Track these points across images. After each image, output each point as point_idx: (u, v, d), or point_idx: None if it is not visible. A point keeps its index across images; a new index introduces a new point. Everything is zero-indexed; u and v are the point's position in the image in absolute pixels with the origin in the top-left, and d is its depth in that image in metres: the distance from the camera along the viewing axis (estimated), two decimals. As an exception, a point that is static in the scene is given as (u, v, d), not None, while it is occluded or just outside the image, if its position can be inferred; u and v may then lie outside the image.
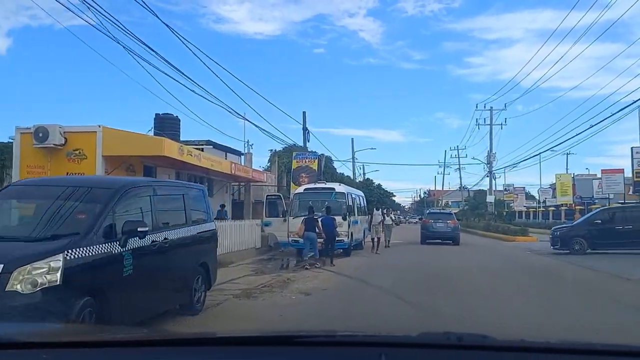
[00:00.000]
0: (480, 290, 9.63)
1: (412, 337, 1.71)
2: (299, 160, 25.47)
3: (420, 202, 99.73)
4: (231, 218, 21.86)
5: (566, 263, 15.69)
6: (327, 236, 15.40)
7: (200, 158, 16.10)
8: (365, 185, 60.17)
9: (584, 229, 18.92)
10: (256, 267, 14.11)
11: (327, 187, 18.01)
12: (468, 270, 13.21)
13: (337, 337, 1.77)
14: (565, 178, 42.13)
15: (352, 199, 18.91)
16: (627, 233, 17.68)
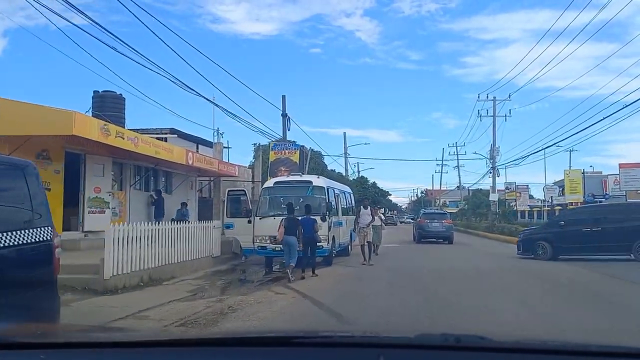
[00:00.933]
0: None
1: (410, 338, 1.66)
2: (278, 151, 22.00)
3: (418, 202, 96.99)
4: (198, 219, 18.40)
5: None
6: (305, 241, 12.12)
7: (138, 142, 12.56)
8: (359, 183, 56.83)
9: (547, 232, 16.95)
10: (201, 285, 10.62)
11: (302, 180, 14.51)
12: (508, 301, 8.62)
13: (335, 338, 1.77)
14: (575, 174, 38.71)
15: (334, 196, 15.43)
16: (595, 236, 15.40)
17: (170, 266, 11.50)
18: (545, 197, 47.40)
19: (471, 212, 51.94)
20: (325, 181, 14.78)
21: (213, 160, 18.11)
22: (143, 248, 10.30)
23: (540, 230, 18.29)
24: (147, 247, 10.47)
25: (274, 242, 13.48)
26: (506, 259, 16.89)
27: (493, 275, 12.31)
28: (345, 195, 17.97)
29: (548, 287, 10.65)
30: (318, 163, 40.90)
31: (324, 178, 15.56)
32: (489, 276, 12.06)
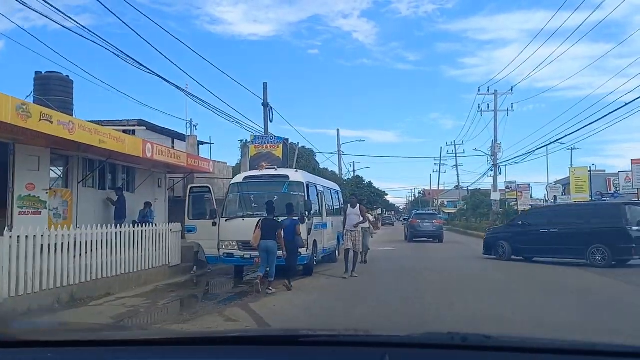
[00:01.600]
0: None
1: (415, 337, 1.66)
2: (258, 145, 19.72)
3: (415, 202, 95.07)
4: (168, 221, 16.16)
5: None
6: (285, 247, 10.05)
7: (73, 129, 10.29)
8: (355, 183, 54.66)
9: (508, 232, 16.72)
10: (137, 306, 8.38)
11: (277, 175, 12.25)
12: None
13: (341, 337, 1.75)
14: (581, 172, 36.58)
15: (317, 193, 13.20)
16: (551, 238, 14.94)
17: (107, 280, 9.27)
18: (547, 197, 45.26)
19: (471, 213, 49.77)
20: (304, 176, 12.54)
21: (180, 153, 15.84)
22: (63, 258, 8.06)
23: (501, 230, 18.02)
24: (69, 256, 8.22)
25: (243, 248, 11.29)
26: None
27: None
28: (332, 194, 15.75)
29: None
30: (309, 161, 38.67)
31: (304, 172, 13.33)
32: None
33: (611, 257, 13.63)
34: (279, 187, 11.93)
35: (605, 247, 13.71)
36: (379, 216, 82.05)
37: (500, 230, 18.15)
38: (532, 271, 13.43)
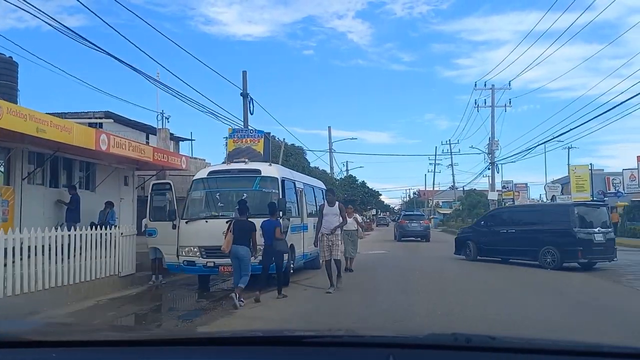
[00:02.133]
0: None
1: (420, 338, 1.65)
2: (237, 139, 18.00)
3: (410, 203, 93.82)
4: (136, 223, 14.51)
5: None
6: (265, 253, 8.94)
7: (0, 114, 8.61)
8: (348, 183, 53.06)
9: (474, 232, 16.73)
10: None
11: (247, 170, 10.58)
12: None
13: (345, 337, 1.74)
14: (582, 170, 35.10)
15: (296, 191, 11.58)
16: (509, 239, 14.93)
17: (34, 295, 7.61)
18: (547, 196, 43.81)
19: (467, 213, 48.29)
20: (280, 171, 10.88)
21: (145, 147, 14.17)
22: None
23: (469, 230, 17.96)
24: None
25: (206, 254, 9.67)
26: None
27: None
28: (315, 192, 14.12)
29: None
30: (299, 160, 37.02)
31: (279, 167, 11.68)
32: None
33: (560, 259, 13.49)
34: (249, 184, 10.30)
35: (555, 249, 13.60)
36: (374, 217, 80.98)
37: (468, 230, 18.11)
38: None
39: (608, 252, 14.02)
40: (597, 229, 13.90)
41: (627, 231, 27.24)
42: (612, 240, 14.35)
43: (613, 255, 14.14)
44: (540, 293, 10.04)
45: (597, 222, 14.13)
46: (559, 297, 9.46)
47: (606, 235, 14.07)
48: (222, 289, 10.75)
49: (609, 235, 14.22)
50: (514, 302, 8.87)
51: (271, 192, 10.12)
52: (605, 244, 13.94)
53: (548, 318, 7.34)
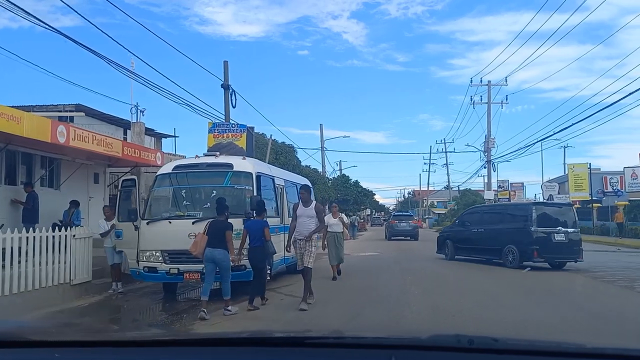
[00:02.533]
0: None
1: (422, 339, 1.64)
2: (218, 134, 16.90)
3: (405, 203, 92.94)
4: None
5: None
6: (252, 256, 8.13)
7: None
8: (341, 182, 51.94)
9: (452, 231, 17.02)
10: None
11: (217, 164, 9.37)
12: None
13: (347, 339, 1.71)
14: (580, 169, 34.11)
15: (274, 188, 10.43)
16: (479, 238, 15.14)
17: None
18: (543, 196, 42.86)
19: (462, 213, 47.25)
20: (255, 165, 9.69)
21: (113, 141, 12.95)
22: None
23: (448, 229, 18.24)
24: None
25: (170, 260, 8.53)
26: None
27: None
28: (298, 190, 12.96)
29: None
30: (290, 158, 35.88)
31: (255, 161, 10.49)
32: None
33: (519, 258, 13.48)
34: (219, 179, 9.14)
35: (515, 248, 13.64)
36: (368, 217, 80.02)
37: (447, 229, 18.33)
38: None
39: (571, 252, 13.65)
40: (558, 229, 13.60)
41: (628, 232, 26.26)
42: (577, 241, 13.86)
43: (577, 255, 13.66)
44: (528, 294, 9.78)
45: (559, 222, 13.79)
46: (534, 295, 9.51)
47: (569, 235, 13.68)
48: (191, 299, 9.59)
49: (572, 236, 13.78)
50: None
51: (244, 189, 8.97)
52: (568, 244, 13.62)
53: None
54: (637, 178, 26.07)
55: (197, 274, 8.44)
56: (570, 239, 13.69)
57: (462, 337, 1.49)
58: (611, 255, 18.95)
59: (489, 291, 10.05)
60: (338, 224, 11.26)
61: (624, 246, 23.00)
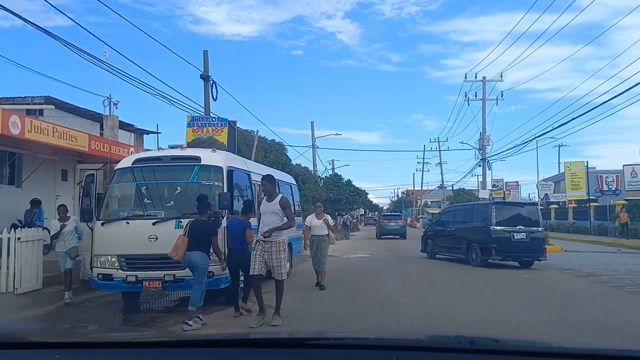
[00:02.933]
0: None
1: (423, 340, 1.66)
2: (197, 128, 15.83)
3: (398, 203, 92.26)
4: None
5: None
6: (232, 259, 7.46)
7: None
8: (333, 181, 50.94)
9: (432, 230, 17.45)
10: None
11: (183, 157, 8.29)
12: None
13: (348, 340, 1.70)
14: (577, 167, 33.27)
15: (250, 185, 9.40)
16: (450, 237, 15.78)
17: None
18: (539, 194, 42.09)
19: (456, 213, 46.37)
20: (226, 158, 8.60)
21: (78, 134, 11.87)
22: None
23: (431, 227, 18.65)
24: None
25: (127, 266, 7.50)
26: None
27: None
28: (282, 188, 11.94)
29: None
30: (280, 156, 34.80)
31: (227, 154, 9.40)
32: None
33: (481, 256, 13.83)
34: (184, 174, 8.10)
35: (477, 246, 14.01)
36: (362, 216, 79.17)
37: (429, 228, 18.76)
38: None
39: (533, 251, 13.69)
40: (518, 228, 13.66)
41: (628, 232, 25.44)
42: (540, 240, 14.00)
43: (539, 254, 13.74)
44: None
45: (520, 221, 13.86)
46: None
47: (530, 234, 13.68)
48: (154, 310, 8.56)
49: (534, 235, 13.80)
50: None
51: (213, 185, 7.94)
52: (529, 243, 13.63)
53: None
54: (636, 176, 25.18)
55: (158, 282, 7.43)
56: (532, 238, 13.64)
57: (463, 338, 1.49)
58: (612, 256, 18.07)
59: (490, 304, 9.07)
60: (322, 226, 10.14)
61: (624, 247, 22.16)
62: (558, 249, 19.81)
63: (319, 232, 10.02)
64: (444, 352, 1.51)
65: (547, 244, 20.27)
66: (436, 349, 1.53)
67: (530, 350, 1.53)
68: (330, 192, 49.14)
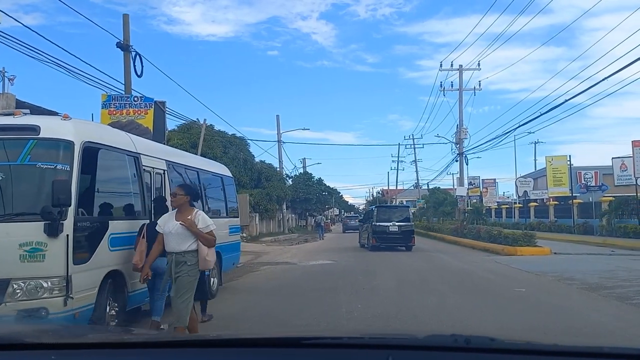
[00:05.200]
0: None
1: (419, 339, 1.64)
2: (115, 110, 12.85)
3: (373, 202, 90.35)
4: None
5: None
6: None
7: None
8: (303, 180, 48.18)
9: (361, 227, 22.61)
10: None
11: (12, 127, 5.26)
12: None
13: (344, 339, 1.70)
14: (559, 162, 31.14)
15: (137, 174, 6.48)
16: (364, 231, 21.44)
17: None
18: (517, 192, 40.08)
19: (432, 212, 44.14)
20: (83, 130, 5.48)
21: None
22: None
23: (359, 224, 24.64)
24: None
25: None
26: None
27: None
28: (204, 181, 9.05)
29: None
30: (242, 151, 31.80)
31: (91, 124, 6.22)
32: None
33: (371, 244, 19.62)
34: (12, 153, 5.14)
35: (368, 237, 20.11)
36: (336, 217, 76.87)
37: (359, 225, 23.44)
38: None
39: (404, 241, 19.40)
40: (392, 223, 19.30)
41: (615, 230, 23.31)
42: (409, 232, 19.51)
43: (408, 242, 19.34)
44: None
45: (394, 218, 19.66)
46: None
47: (401, 228, 19.36)
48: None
49: (404, 228, 19.45)
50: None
51: (55, 170, 5.01)
52: (400, 234, 19.32)
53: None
54: (627, 169, 23.02)
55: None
56: (403, 231, 19.36)
57: (459, 337, 1.49)
58: (610, 259, 15.69)
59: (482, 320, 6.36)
60: (183, 233, 5.16)
61: (615, 247, 19.93)
62: (547, 251, 17.43)
63: (175, 247, 5.18)
64: (440, 350, 1.51)
65: (534, 245, 18.06)
66: (432, 347, 1.53)
67: (526, 348, 1.54)
68: (299, 191, 46.38)
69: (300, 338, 1.65)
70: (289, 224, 44.91)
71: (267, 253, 20.06)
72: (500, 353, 1.49)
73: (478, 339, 1.53)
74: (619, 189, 26.87)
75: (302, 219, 52.96)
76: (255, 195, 30.61)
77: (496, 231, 20.54)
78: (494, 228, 23.17)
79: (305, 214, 52.12)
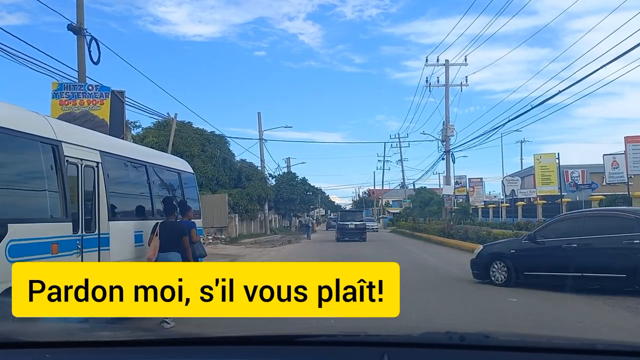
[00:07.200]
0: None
1: (414, 336, 1.66)
2: (68, 100, 11.63)
3: (360, 203, 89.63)
4: None
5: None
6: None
7: None
8: (286, 180, 47.01)
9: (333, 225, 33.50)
10: None
11: None
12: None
13: (339, 336, 1.67)
14: (548, 159, 30.36)
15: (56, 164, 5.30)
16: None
17: None
18: (504, 191, 39.32)
19: (418, 212, 43.26)
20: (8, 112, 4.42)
21: None
22: None
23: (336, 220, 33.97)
24: None
25: None
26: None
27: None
28: (153, 175, 7.85)
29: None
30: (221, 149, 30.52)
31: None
32: None
33: (339, 238, 28.26)
34: None
35: (338, 233, 29.47)
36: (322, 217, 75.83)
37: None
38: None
39: (359, 235, 28.00)
40: (350, 222, 29.02)
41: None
42: (362, 229, 28.54)
43: (362, 235, 28.07)
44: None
45: (353, 219, 29.73)
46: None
47: (357, 225, 28.68)
48: None
49: (359, 225, 28.78)
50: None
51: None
52: (356, 230, 28.31)
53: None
54: (618, 167, 22.22)
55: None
56: (358, 228, 28.46)
57: (454, 334, 1.50)
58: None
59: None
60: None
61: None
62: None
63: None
64: (435, 348, 1.51)
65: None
66: (427, 345, 1.54)
67: (521, 345, 1.54)
68: (283, 191, 45.19)
69: (295, 335, 1.64)
70: (272, 224, 43.68)
71: (244, 256, 18.91)
72: (494, 350, 1.48)
73: (473, 336, 1.55)
74: (608, 187, 26.21)
75: (285, 220, 51.74)
76: (234, 195, 29.40)
77: (485, 231, 19.66)
78: (482, 228, 22.30)
79: (290, 215, 50.93)
